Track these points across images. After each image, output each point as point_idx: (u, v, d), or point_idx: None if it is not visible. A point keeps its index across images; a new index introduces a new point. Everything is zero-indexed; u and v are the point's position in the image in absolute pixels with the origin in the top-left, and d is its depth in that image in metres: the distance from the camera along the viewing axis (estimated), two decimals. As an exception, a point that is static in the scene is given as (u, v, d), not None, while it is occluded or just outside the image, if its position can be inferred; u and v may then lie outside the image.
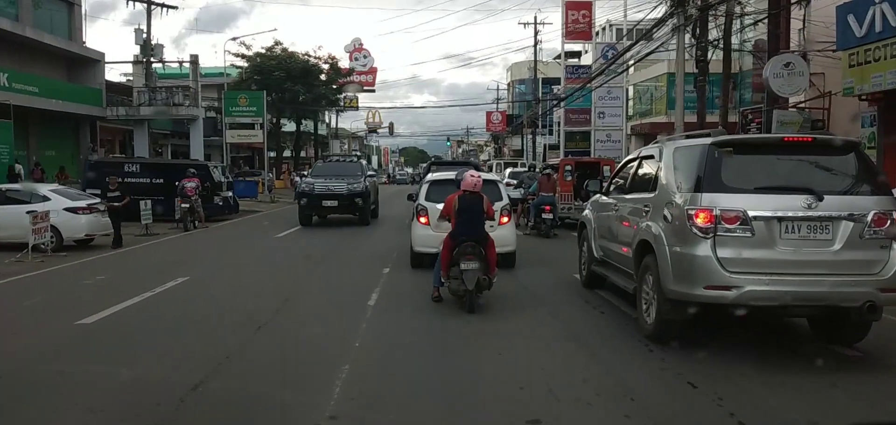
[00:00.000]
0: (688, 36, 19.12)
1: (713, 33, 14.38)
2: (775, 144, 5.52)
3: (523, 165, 31.78)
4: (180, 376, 4.85)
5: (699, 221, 5.23)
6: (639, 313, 6.23)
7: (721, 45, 13.86)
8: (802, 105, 14.74)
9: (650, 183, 6.53)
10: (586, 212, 8.94)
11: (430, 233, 9.08)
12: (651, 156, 6.74)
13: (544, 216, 13.98)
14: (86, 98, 23.33)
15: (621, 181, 7.80)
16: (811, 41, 14.15)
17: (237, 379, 4.97)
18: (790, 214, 5.13)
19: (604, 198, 8.24)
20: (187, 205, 15.66)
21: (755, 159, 5.52)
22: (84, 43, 25.02)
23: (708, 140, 5.60)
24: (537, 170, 19.63)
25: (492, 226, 8.63)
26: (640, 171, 7.10)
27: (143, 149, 26.40)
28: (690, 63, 30.87)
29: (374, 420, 4.19)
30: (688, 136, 6.73)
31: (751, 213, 5.13)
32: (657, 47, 17.21)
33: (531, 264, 10.28)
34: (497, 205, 9.12)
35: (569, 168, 16.44)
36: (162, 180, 17.52)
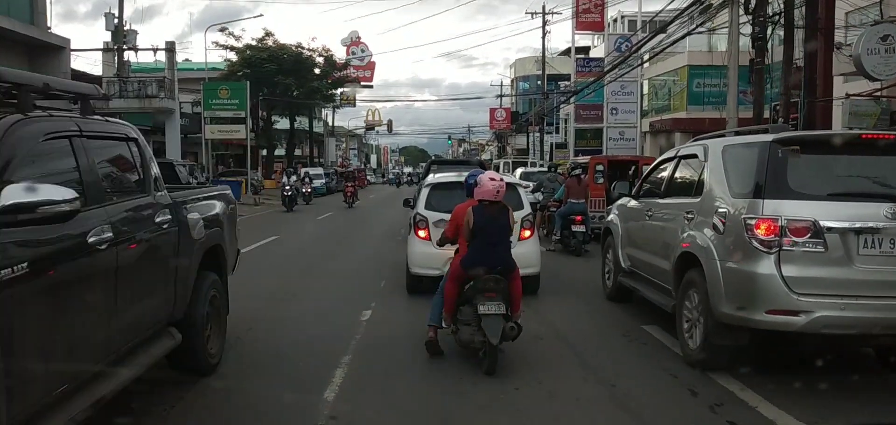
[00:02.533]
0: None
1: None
2: (851, 142, 5.03)
3: (533, 164, 31.15)
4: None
5: (760, 233, 4.73)
6: (680, 336, 5.75)
7: (781, 21, 12.16)
8: (879, 93, 13.11)
9: (693, 186, 6.07)
10: (611, 217, 8.48)
11: (431, 251, 7.49)
12: (693, 156, 6.26)
13: (574, 229, 11.94)
14: (49, 89, 22.68)
15: (655, 183, 7.34)
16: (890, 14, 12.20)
17: None
18: (870, 225, 4.63)
19: (633, 202, 7.79)
20: None
21: (827, 160, 5.02)
22: (49, 28, 24.41)
23: (769, 136, 5.12)
24: (557, 169, 18.38)
25: (511, 243, 7.81)
26: (680, 173, 6.63)
27: (114, 145, 25.81)
28: (711, 54, 30.71)
29: None
30: (737, 133, 6.26)
31: (823, 224, 4.63)
32: (694, 28, 15.94)
33: (558, 292, 8.69)
34: (517, 215, 7.59)
35: (600, 168, 14.37)
36: None
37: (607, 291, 8.37)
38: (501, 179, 5.58)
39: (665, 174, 6.96)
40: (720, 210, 5.24)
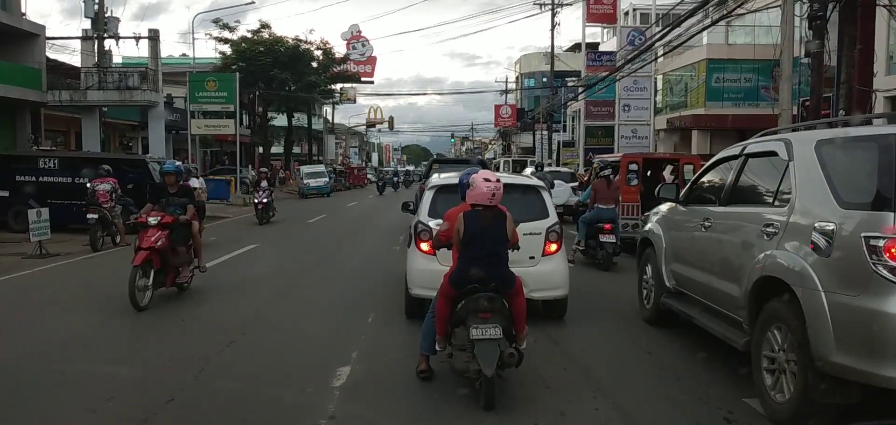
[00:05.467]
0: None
1: None
2: None
3: (533, 163, 30.17)
4: None
5: (892, 258, 3.56)
6: (758, 385, 4.58)
7: None
8: None
9: (772, 192, 4.92)
10: (650, 226, 7.32)
11: (436, 268, 6.21)
12: (770, 154, 5.08)
13: (603, 239, 10.69)
14: (20, 79, 21.38)
15: (712, 187, 6.18)
16: None
17: None
18: None
19: (680, 208, 6.62)
20: (96, 216, 12.89)
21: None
22: (24, 14, 23.28)
23: (891, 128, 3.94)
24: (543, 168, 17.09)
25: (533, 259, 6.66)
26: (750, 175, 5.46)
27: (94, 141, 24.57)
28: (727, 46, 29.51)
29: None
30: (808, 127, 5.09)
31: (982, 246, 3.46)
32: (731, 12, 14.56)
33: (585, 314, 7.40)
34: (541, 225, 6.83)
35: (634, 168, 12.70)
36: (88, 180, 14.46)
37: (645, 313, 7.25)
38: (497, 180, 4.83)
39: (727, 176, 5.79)
40: (823, 225, 4.05)
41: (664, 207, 7.28)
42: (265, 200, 19.01)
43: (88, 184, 13.41)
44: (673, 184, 7.10)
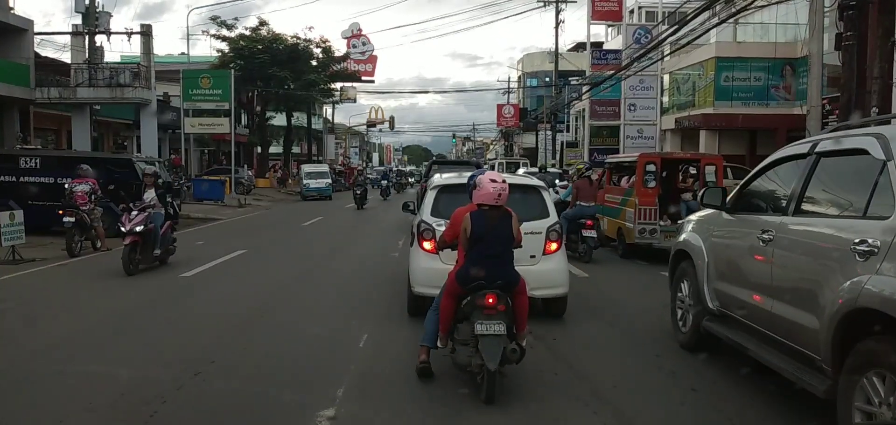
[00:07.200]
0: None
1: None
2: None
3: (525, 164, 29.19)
4: None
5: None
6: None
7: None
8: None
9: (863, 200, 3.91)
10: (687, 236, 6.32)
11: (438, 267, 6.26)
12: (856, 152, 4.08)
13: (585, 234, 11.18)
14: (7, 75, 20.50)
15: (770, 194, 5.19)
16: None
17: None
18: None
19: (726, 216, 5.63)
20: (73, 219, 11.78)
21: None
22: (12, 9, 22.35)
23: None
24: (545, 170, 16.59)
25: (534, 258, 6.74)
26: (826, 179, 4.46)
27: (85, 140, 23.66)
28: (735, 42, 28.55)
29: None
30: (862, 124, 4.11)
31: None
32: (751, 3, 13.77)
33: (608, 340, 6.79)
34: (542, 224, 6.97)
35: (652, 169, 11.55)
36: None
37: (681, 337, 6.25)
38: (503, 181, 4.94)
39: (791, 180, 4.79)
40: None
41: (697, 215, 6.35)
42: (139, 229, 9.83)
43: (66, 185, 12.46)
44: (718, 188, 6.07)
